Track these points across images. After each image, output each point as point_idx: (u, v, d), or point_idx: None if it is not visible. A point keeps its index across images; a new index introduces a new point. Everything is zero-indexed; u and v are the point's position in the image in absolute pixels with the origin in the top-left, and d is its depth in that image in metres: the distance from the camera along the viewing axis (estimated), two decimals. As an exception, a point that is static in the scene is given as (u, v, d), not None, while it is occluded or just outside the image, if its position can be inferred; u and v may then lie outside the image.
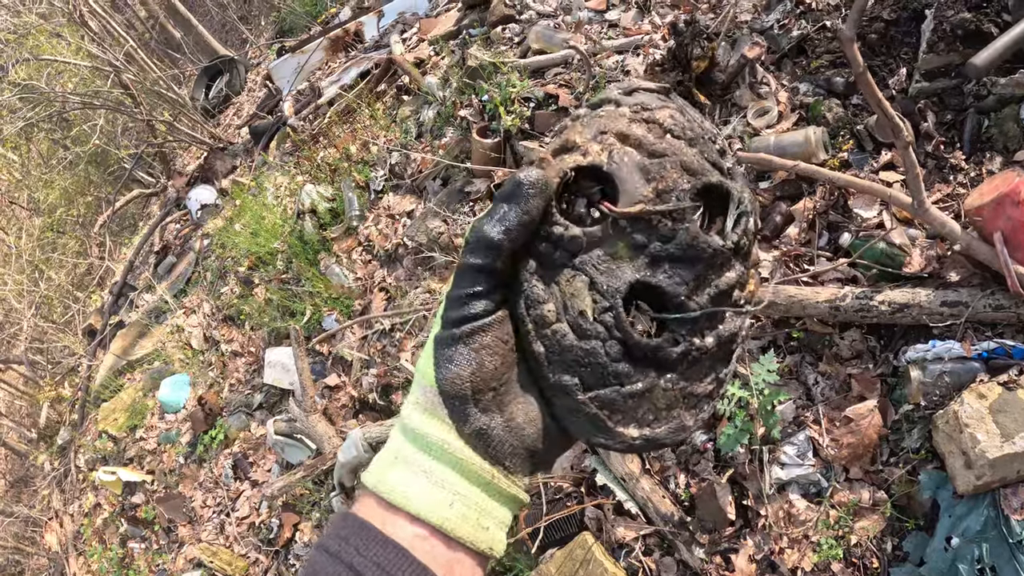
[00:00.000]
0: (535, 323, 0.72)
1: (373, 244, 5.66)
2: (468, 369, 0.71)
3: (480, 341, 0.71)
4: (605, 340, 0.71)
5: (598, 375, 0.72)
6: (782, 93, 4.06)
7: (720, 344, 0.74)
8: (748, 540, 3.31)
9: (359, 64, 7.39)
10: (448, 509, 0.71)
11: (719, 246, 0.71)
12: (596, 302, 0.71)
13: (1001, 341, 3.09)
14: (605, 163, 0.71)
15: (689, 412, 0.75)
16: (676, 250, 0.70)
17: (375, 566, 0.68)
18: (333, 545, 0.71)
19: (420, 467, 0.73)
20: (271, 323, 6.23)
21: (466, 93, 5.42)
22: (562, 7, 5.63)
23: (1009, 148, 3.60)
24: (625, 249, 0.71)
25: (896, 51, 4.08)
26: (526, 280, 0.73)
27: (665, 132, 0.73)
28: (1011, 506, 2.88)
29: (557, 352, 0.72)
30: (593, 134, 0.73)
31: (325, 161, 6.54)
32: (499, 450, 0.73)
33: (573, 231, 0.71)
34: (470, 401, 0.72)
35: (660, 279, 0.71)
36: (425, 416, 0.74)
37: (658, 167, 0.71)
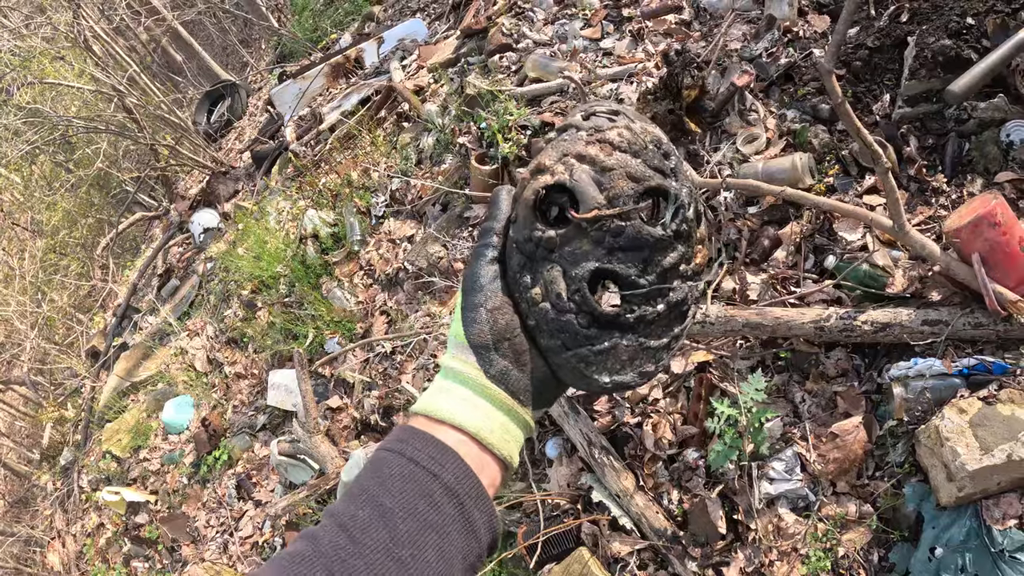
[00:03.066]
0: (527, 303, 0.96)
1: (374, 268, 5.76)
2: (487, 325, 0.96)
3: (493, 303, 0.97)
4: (576, 313, 0.93)
5: (574, 338, 0.94)
6: (770, 120, 4.18)
7: (671, 307, 0.96)
8: (739, 553, 3.40)
9: (360, 90, 7.51)
10: (481, 422, 0.94)
11: (660, 235, 0.92)
12: (568, 285, 0.93)
13: (981, 357, 3.18)
14: (567, 181, 0.92)
15: (650, 361, 0.97)
16: (625, 242, 0.91)
17: (430, 459, 0.90)
18: (397, 446, 0.93)
19: (459, 395, 0.96)
20: (274, 346, 6.31)
21: (464, 120, 5.54)
22: (558, 36, 5.75)
23: (990, 170, 3.71)
24: (588, 244, 0.92)
25: (880, 78, 4.20)
26: (518, 272, 0.97)
27: (614, 149, 0.92)
28: (992, 516, 2.96)
29: (544, 323, 0.95)
30: (558, 156, 0.95)
31: (327, 187, 6.63)
32: (516, 386, 0.97)
33: (548, 233, 0.93)
34: (492, 349, 0.96)
35: (615, 265, 0.92)
36: (460, 363, 0.97)
37: (608, 179, 0.91)
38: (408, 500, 0.88)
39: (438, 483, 0.89)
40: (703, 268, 1.01)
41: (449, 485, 0.89)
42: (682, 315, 0.99)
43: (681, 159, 0.97)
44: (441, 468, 0.90)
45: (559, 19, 5.93)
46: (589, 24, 5.69)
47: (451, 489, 0.89)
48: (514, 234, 0.98)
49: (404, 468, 0.90)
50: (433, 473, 0.89)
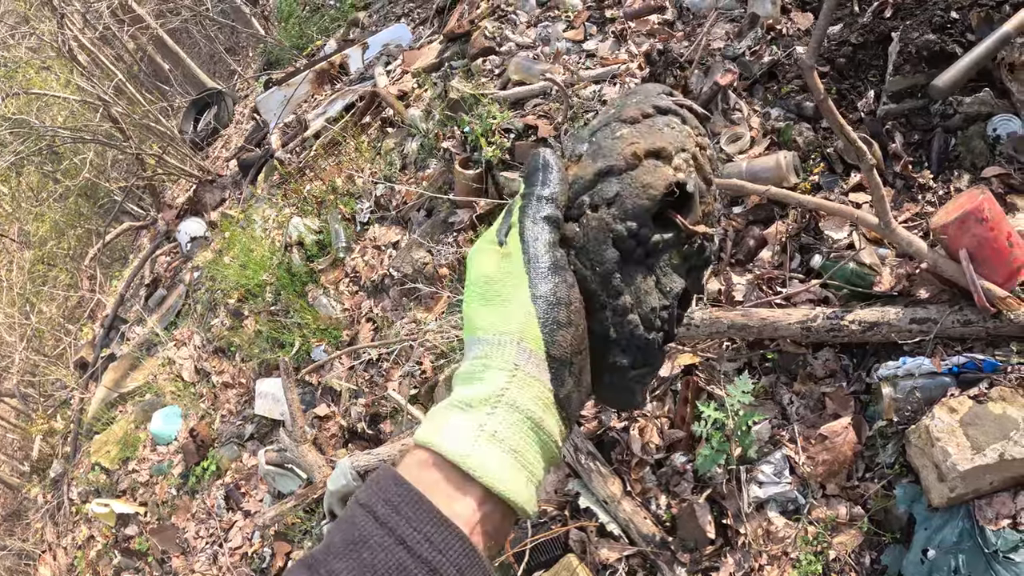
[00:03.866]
0: (613, 311, 0.79)
1: (360, 275, 5.73)
2: (571, 331, 0.74)
3: (576, 305, 0.76)
4: (659, 331, 0.82)
5: (645, 358, 0.82)
6: (754, 119, 4.15)
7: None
8: (729, 558, 3.36)
9: (344, 96, 7.48)
10: (524, 488, 0.71)
11: (715, 260, 0.90)
12: (660, 301, 0.82)
13: (971, 355, 3.15)
14: (690, 184, 0.81)
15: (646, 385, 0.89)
16: (701, 263, 0.85)
17: (427, 542, 0.67)
18: (382, 511, 0.69)
19: (516, 438, 0.72)
20: (261, 355, 6.28)
21: (448, 125, 5.51)
22: (541, 38, 5.72)
23: (976, 165, 3.68)
24: (679, 257, 0.83)
25: (864, 74, 4.18)
26: (611, 272, 0.79)
27: (713, 164, 0.85)
28: (985, 517, 2.93)
29: (626, 338, 0.80)
30: (674, 148, 0.81)
31: (312, 194, 6.61)
32: (573, 411, 0.76)
33: (657, 236, 0.80)
34: (566, 365, 0.74)
35: (690, 284, 0.85)
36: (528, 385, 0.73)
37: (709, 194, 0.84)
38: None
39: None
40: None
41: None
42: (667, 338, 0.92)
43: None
44: (442, 557, 0.66)
45: (542, 21, 5.90)
46: (572, 26, 5.67)
47: None
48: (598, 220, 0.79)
49: (390, 555, 0.66)
50: (431, 567, 0.66)
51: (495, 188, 4.89)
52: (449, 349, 4.51)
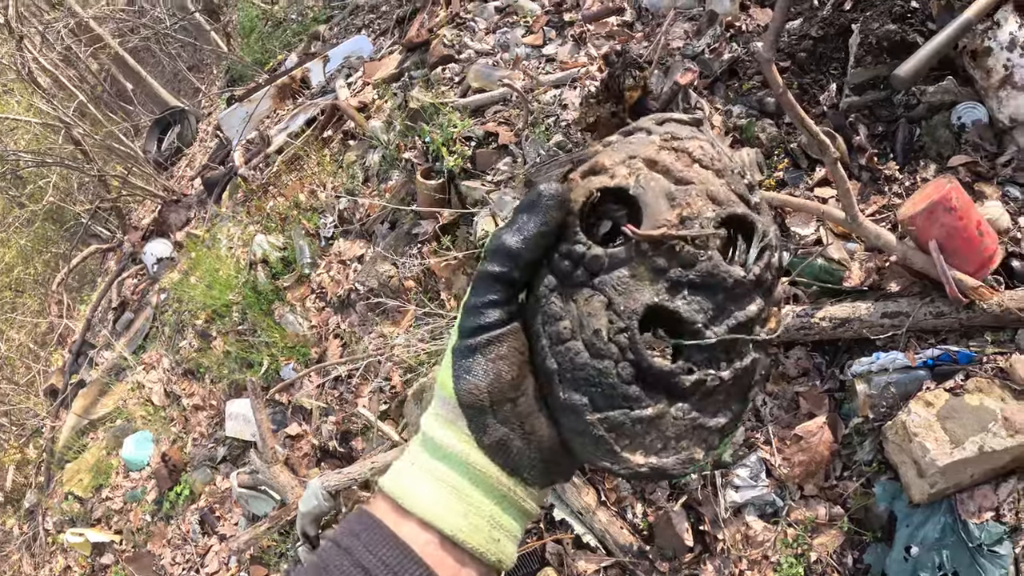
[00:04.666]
0: (550, 339, 0.73)
1: (326, 291, 5.66)
2: (486, 380, 0.72)
3: (496, 351, 0.72)
4: (618, 361, 0.70)
5: (608, 396, 0.71)
6: (716, 117, 4.11)
7: (736, 378, 0.73)
8: (708, 565, 3.32)
9: (306, 111, 7.41)
10: (462, 519, 0.72)
11: (740, 277, 0.71)
12: (612, 322, 0.71)
13: (945, 347, 3.12)
14: (631, 186, 0.72)
15: (699, 445, 0.74)
16: (696, 277, 0.70)
17: (383, 565, 0.69)
18: (346, 540, 0.72)
19: (437, 475, 0.74)
20: (230, 375, 6.19)
21: (409, 135, 5.45)
22: (500, 44, 5.67)
23: (943, 155, 3.66)
24: (646, 272, 0.71)
25: (826, 67, 4.15)
26: (544, 296, 0.73)
27: (693, 161, 0.73)
28: (968, 511, 2.91)
29: (570, 370, 0.72)
30: (622, 158, 0.74)
31: (275, 210, 6.54)
32: (518, 461, 0.74)
33: (595, 251, 0.71)
34: (489, 412, 0.72)
35: (679, 304, 0.70)
36: (445, 427, 0.74)
37: (683, 193, 0.71)
38: None
39: None
40: (775, 338, 0.77)
41: None
42: (744, 392, 0.76)
43: (764, 199, 0.77)
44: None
45: (500, 28, 5.86)
46: (531, 31, 5.63)
47: None
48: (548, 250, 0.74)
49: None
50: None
51: (458, 197, 4.83)
52: (417, 363, 4.44)
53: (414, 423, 4.33)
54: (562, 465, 0.77)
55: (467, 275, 4.51)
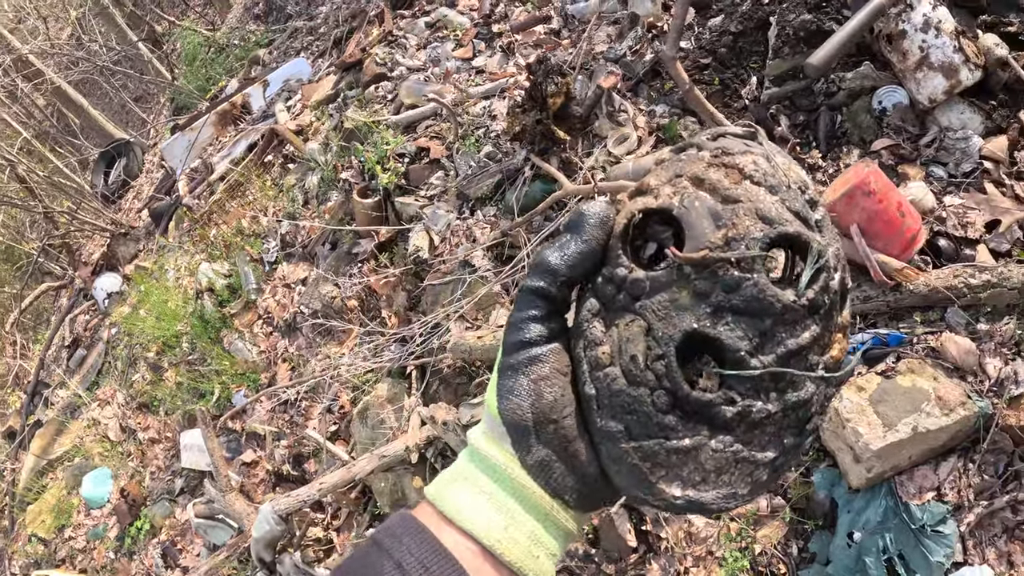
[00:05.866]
0: (590, 364, 0.72)
1: (272, 316, 5.65)
2: (528, 400, 0.72)
3: (538, 372, 0.72)
4: (654, 389, 0.68)
5: (643, 424, 0.69)
6: (640, 118, 4.15)
7: (787, 409, 0.69)
8: (653, 564, 3.33)
9: (247, 136, 7.39)
10: (502, 532, 0.72)
11: (790, 302, 0.66)
12: (650, 348, 0.69)
13: (875, 331, 3.16)
14: (675, 207, 0.69)
15: (743, 480, 0.71)
16: (740, 302, 0.66)
17: (422, 567, 0.70)
18: (387, 542, 0.73)
19: (481, 488, 0.75)
20: (184, 406, 6.15)
21: (345, 155, 5.46)
22: (431, 59, 5.71)
23: (865, 139, 3.72)
24: (688, 297, 0.68)
25: (746, 61, 4.21)
26: (587, 320, 0.72)
27: (744, 178, 0.69)
28: (908, 492, 2.93)
29: (607, 396, 0.70)
30: (669, 177, 0.72)
31: (218, 238, 6.51)
32: (560, 484, 0.73)
33: (636, 274, 0.69)
34: (532, 432, 0.73)
35: (720, 331, 0.67)
36: (490, 444, 0.75)
37: (730, 213, 0.68)
38: None
39: None
40: (840, 366, 0.72)
41: None
42: (799, 423, 0.71)
43: (828, 216, 0.72)
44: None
45: (431, 43, 5.90)
46: (460, 44, 5.68)
47: None
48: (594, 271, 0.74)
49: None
50: None
51: (394, 214, 4.84)
52: (362, 382, 4.44)
53: (361, 442, 4.33)
54: (604, 492, 0.76)
55: (406, 291, 4.52)
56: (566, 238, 0.73)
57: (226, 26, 11.13)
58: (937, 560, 2.77)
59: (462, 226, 4.34)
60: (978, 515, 2.85)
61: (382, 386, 4.25)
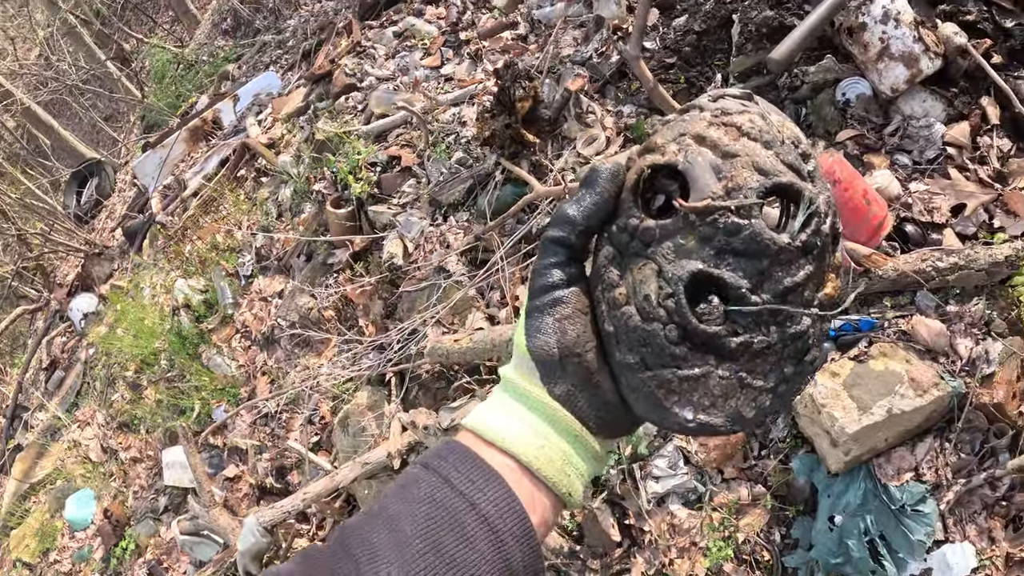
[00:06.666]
0: (608, 304, 0.79)
1: (250, 329, 5.64)
2: (554, 337, 0.80)
3: (562, 312, 0.80)
4: (665, 323, 0.75)
5: (657, 355, 0.76)
6: (608, 118, 4.19)
7: (786, 340, 0.76)
8: (638, 557, 3.34)
9: (219, 152, 7.38)
10: (538, 450, 0.79)
11: (785, 244, 0.73)
12: (661, 288, 0.75)
13: (846, 317, 3.19)
14: (680, 162, 0.76)
15: (748, 404, 0.78)
16: (740, 244, 0.73)
17: (468, 481, 0.76)
18: (433, 462, 0.79)
19: (516, 414, 0.81)
20: (164, 424, 6.13)
21: (318, 167, 5.47)
22: (400, 69, 5.73)
23: (830, 131, 3.77)
24: (693, 242, 0.74)
25: (711, 59, 4.25)
26: (604, 266, 0.80)
27: (741, 135, 0.76)
28: (886, 474, 2.97)
29: (624, 332, 0.77)
30: (673, 136, 0.78)
31: (193, 254, 6.49)
32: (583, 412, 0.80)
33: (647, 223, 0.76)
34: (558, 366, 0.80)
35: (723, 271, 0.74)
36: (522, 377, 0.82)
37: (729, 166, 0.74)
38: (433, 530, 0.73)
39: (474, 513, 0.74)
40: (834, 301, 0.80)
41: (488, 517, 0.74)
42: (798, 354, 0.79)
43: (820, 167, 0.79)
44: (480, 495, 0.75)
45: (400, 52, 5.92)
46: (429, 53, 5.70)
47: (489, 522, 0.74)
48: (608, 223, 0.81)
49: (435, 490, 0.76)
50: (470, 500, 0.75)
51: (368, 223, 4.85)
52: (342, 391, 4.44)
53: (343, 450, 4.33)
54: (623, 421, 0.83)
55: (382, 299, 4.53)
56: (581, 192, 0.80)
57: (194, 42, 11.10)
58: (918, 539, 2.82)
59: (435, 232, 4.37)
60: (957, 493, 2.88)
61: (362, 394, 4.26)
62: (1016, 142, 3.58)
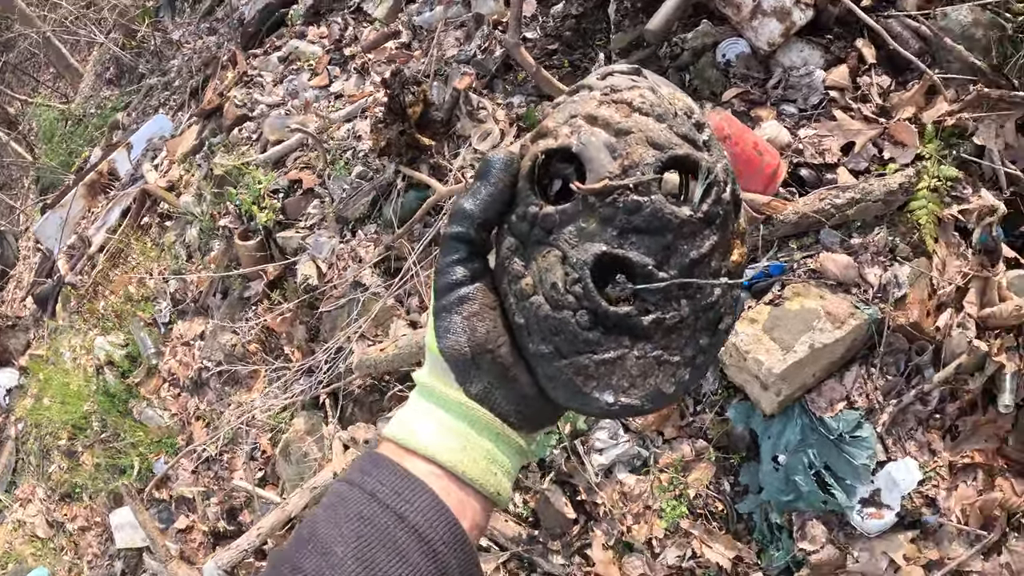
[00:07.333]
0: (516, 296, 0.77)
1: (177, 376, 5.55)
2: (464, 336, 0.78)
3: (469, 309, 0.78)
4: (576, 310, 0.74)
5: (571, 343, 0.75)
6: (499, 112, 4.23)
7: (698, 312, 0.76)
8: (596, 530, 3.38)
9: (119, 202, 7.23)
10: (461, 453, 0.78)
11: (687, 216, 0.73)
12: (567, 274, 0.74)
13: (755, 265, 3.27)
14: (573, 144, 0.74)
15: (667, 380, 0.77)
16: (642, 222, 0.72)
17: (395, 494, 0.74)
18: (357, 478, 0.77)
19: (435, 418, 0.79)
20: (106, 487, 5.99)
21: (221, 202, 5.40)
22: (289, 93, 5.69)
23: (715, 92, 3.85)
24: (595, 224, 0.73)
25: (592, 40, 4.32)
26: (507, 258, 0.78)
27: (633, 111, 0.75)
28: (820, 407, 3.03)
29: (535, 322, 0.76)
30: (565, 118, 0.77)
31: (108, 309, 6.36)
32: (503, 407, 0.79)
33: (547, 209, 0.75)
34: (472, 364, 0.78)
35: (627, 250, 0.73)
36: (436, 380, 0.80)
37: (624, 144, 0.73)
38: (364, 548, 0.71)
39: (404, 526, 0.72)
40: (741, 268, 0.80)
41: (418, 528, 0.72)
42: (711, 324, 0.79)
43: (715, 136, 0.79)
44: (408, 506, 0.73)
45: (287, 76, 5.88)
46: (316, 73, 5.68)
47: (420, 533, 0.72)
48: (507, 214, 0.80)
49: (362, 507, 0.74)
50: (398, 513, 0.73)
51: (278, 251, 4.82)
52: (278, 421, 4.41)
53: (290, 479, 4.30)
54: (544, 411, 0.82)
55: (304, 324, 4.51)
56: (476, 185, 0.79)
57: (80, 96, 10.85)
58: (861, 463, 2.90)
59: (346, 249, 4.36)
60: (891, 414, 2.98)
61: (298, 420, 4.24)
62: (895, 77, 3.70)
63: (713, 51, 3.92)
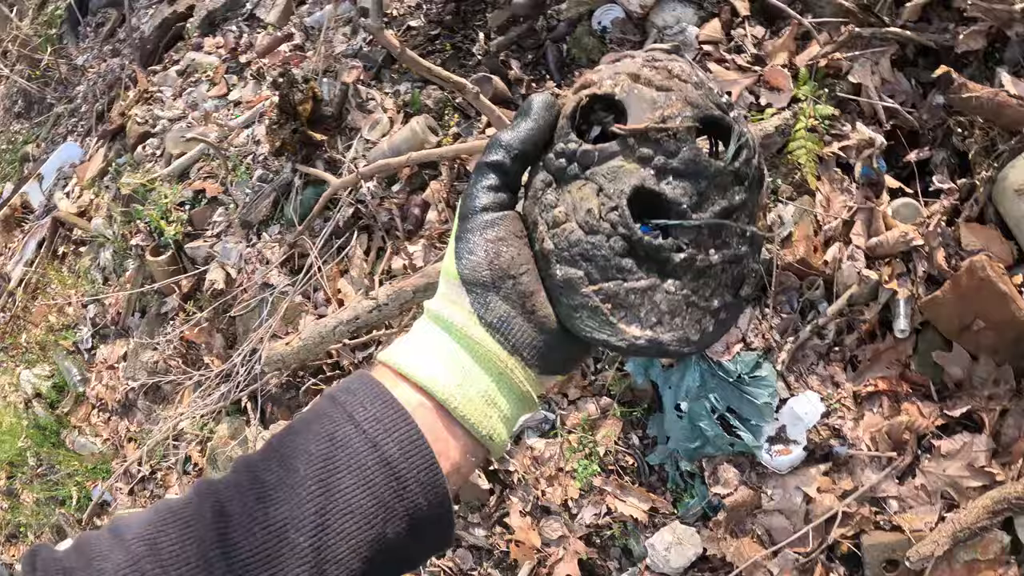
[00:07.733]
0: (547, 224, 0.78)
1: (105, 401, 5.51)
2: (487, 257, 0.76)
3: (495, 233, 0.77)
4: (610, 235, 0.74)
5: (602, 268, 0.75)
6: (387, 101, 4.26)
7: (726, 264, 0.78)
8: (512, 498, 3.40)
9: (35, 235, 7.14)
10: (456, 388, 0.74)
11: (721, 167, 0.76)
12: (603, 203, 0.75)
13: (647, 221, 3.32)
14: (617, 92, 0.77)
15: (693, 325, 0.77)
16: (680, 164, 0.74)
17: (374, 420, 0.71)
18: (340, 395, 0.74)
19: (436, 345, 0.77)
20: (48, 520, 5.94)
21: (130, 221, 5.38)
22: (189, 105, 5.67)
23: (593, 59, 3.90)
24: (633, 162, 0.75)
25: (471, 21, 4.37)
26: (540, 191, 0.80)
27: (673, 76, 0.78)
28: (716, 351, 3.06)
29: (565, 248, 0.76)
30: (609, 74, 0.80)
31: (30, 342, 6.30)
32: (519, 339, 0.76)
33: (586, 146, 0.77)
34: (491, 288, 0.76)
35: (663, 187, 0.75)
36: (448, 305, 0.77)
37: (664, 98, 0.76)
38: (329, 471, 0.68)
39: (375, 455, 0.69)
40: (761, 238, 0.83)
41: (390, 460, 0.69)
42: (735, 282, 0.80)
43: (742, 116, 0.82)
44: (385, 435, 0.70)
45: (186, 89, 5.86)
46: (214, 83, 5.66)
47: (392, 466, 0.69)
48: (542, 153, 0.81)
49: (337, 427, 0.71)
50: (373, 441, 0.70)
51: (189, 262, 4.82)
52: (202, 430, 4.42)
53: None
54: (560, 351, 0.79)
55: (220, 332, 4.51)
56: (517, 120, 0.80)
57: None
58: (764, 402, 2.92)
59: (253, 252, 4.37)
60: (789, 351, 3.00)
61: (222, 427, 4.24)
62: (769, 27, 3.77)
63: (589, 19, 3.97)
